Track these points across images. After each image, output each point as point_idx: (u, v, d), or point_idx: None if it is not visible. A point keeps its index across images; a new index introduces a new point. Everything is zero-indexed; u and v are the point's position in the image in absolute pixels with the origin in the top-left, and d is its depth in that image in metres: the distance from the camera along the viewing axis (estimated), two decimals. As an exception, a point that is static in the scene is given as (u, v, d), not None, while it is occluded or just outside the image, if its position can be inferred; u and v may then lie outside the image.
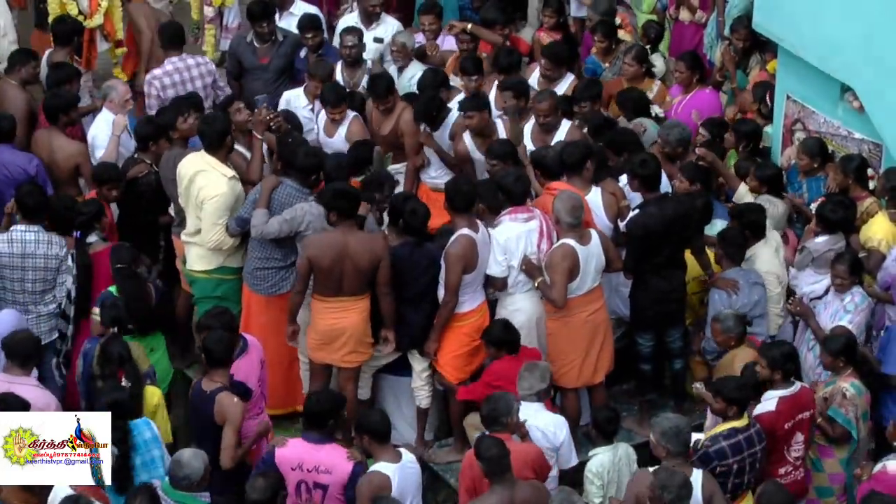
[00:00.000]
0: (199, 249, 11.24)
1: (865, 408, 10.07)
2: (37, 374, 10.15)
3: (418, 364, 10.96)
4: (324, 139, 12.42)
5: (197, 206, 11.07)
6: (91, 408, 9.87)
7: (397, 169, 12.47)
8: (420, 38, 14.11)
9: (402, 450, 9.51)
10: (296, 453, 9.38)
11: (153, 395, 10.09)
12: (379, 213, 11.12)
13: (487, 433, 9.30)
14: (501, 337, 10.48)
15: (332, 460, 9.31)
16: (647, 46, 13.87)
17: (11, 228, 10.93)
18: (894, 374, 10.35)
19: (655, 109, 12.97)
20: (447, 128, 12.31)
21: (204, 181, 11.02)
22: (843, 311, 10.57)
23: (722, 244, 11.03)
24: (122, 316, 10.32)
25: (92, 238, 11.17)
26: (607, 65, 13.62)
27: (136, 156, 11.95)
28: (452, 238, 10.60)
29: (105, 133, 12.29)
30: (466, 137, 12.10)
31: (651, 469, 9.09)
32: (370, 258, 10.44)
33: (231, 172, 11.11)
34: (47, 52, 13.57)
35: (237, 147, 11.72)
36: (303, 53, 13.57)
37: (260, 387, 10.06)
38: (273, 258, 10.92)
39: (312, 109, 12.81)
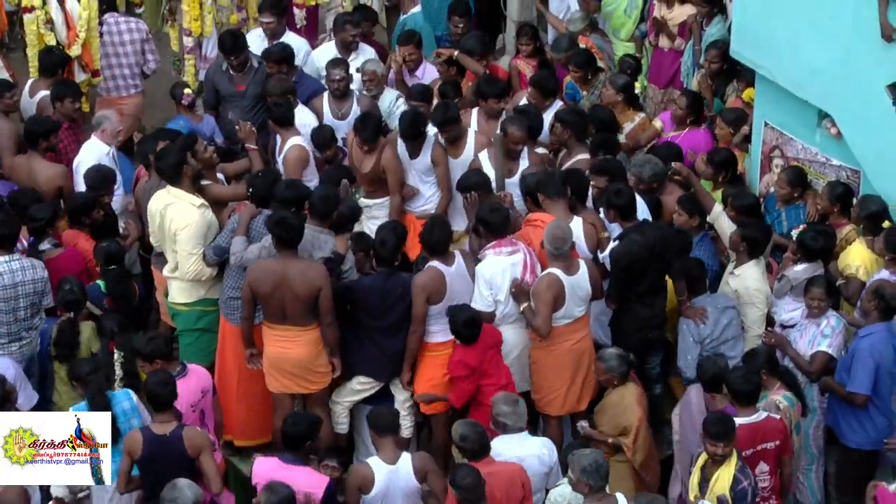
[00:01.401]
0: (181, 283, 11.23)
1: (797, 419, 10.13)
2: None
3: (400, 394, 10.95)
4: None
5: (171, 240, 11.05)
6: (44, 384, 10.52)
7: (379, 203, 12.43)
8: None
9: (405, 454, 9.65)
10: (268, 471, 9.47)
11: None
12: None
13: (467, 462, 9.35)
14: (461, 331, 10.45)
15: (302, 483, 9.35)
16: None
17: None
18: (858, 393, 10.30)
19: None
20: (427, 153, 12.29)
21: (173, 213, 11.02)
22: (820, 336, 10.60)
23: (685, 278, 11.02)
24: (78, 299, 10.60)
25: (45, 245, 11.22)
26: (585, 93, 13.61)
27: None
28: (423, 269, 10.67)
29: (90, 162, 12.23)
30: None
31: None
32: (308, 287, 10.42)
33: (199, 201, 11.10)
34: (29, 83, 13.56)
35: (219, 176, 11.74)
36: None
37: (197, 414, 10.06)
38: (245, 288, 10.90)
39: None
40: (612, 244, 11.01)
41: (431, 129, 12.36)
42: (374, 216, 12.28)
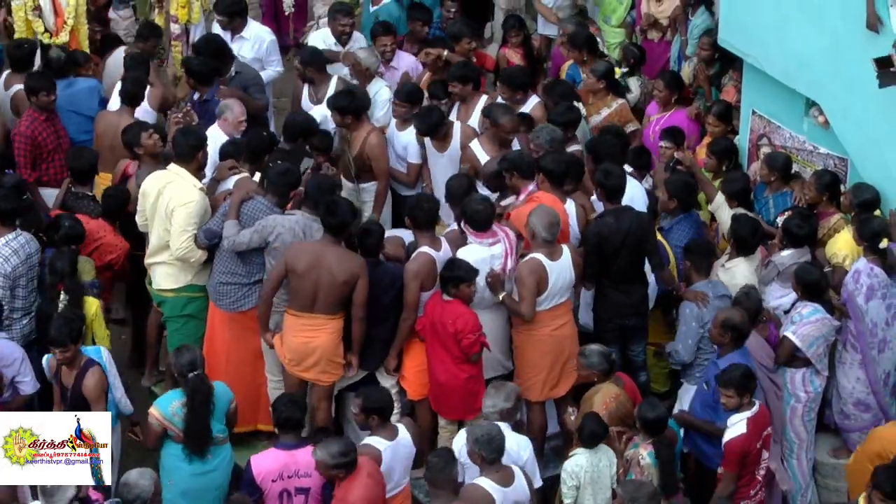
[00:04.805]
0: (167, 268, 11.22)
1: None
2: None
3: (386, 381, 10.93)
4: None
5: (166, 218, 11.04)
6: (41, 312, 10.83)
7: (365, 188, 12.44)
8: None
9: (400, 426, 9.77)
10: (275, 464, 9.55)
11: (91, 304, 10.73)
12: None
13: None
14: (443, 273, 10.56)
15: (311, 463, 9.44)
16: (626, 70, 13.91)
17: (5, 240, 10.86)
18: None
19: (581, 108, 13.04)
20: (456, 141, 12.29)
21: (174, 191, 11.03)
22: (789, 322, 10.64)
23: (688, 257, 11.09)
24: (79, 234, 10.99)
25: None
26: (585, 75, 13.62)
27: (72, 189, 11.91)
28: (413, 256, 10.68)
29: (209, 150, 11.97)
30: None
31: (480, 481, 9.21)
32: (346, 274, 10.41)
33: (200, 184, 11.14)
34: (3, 76, 13.39)
35: None
36: None
37: None
38: (237, 273, 10.89)
39: None
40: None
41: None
42: (361, 200, 12.34)
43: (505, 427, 9.73)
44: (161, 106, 13.09)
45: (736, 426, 9.83)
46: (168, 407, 9.88)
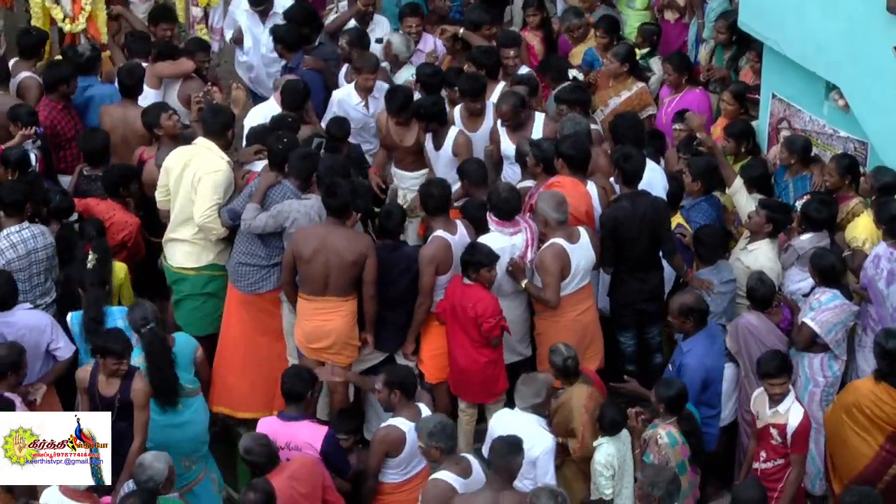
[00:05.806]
0: (188, 246, 11.23)
1: (680, 458, 9.75)
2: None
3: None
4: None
5: (192, 188, 11.03)
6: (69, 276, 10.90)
7: (422, 173, 12.29)
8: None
9: (422, 405, 9.76)
10: (269, 430, 9.53)
11: (120, 269, 10.94)
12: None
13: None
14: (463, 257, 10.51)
15: (303, 437, 9.48)
16: (647, 50, 13.89)
17: (6, 232, 10.82)
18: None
19: (573, 73, 13.04)
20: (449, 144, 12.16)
21: (201, 162, 11.06)
22: (808, 308, 10.60)
23: (696, 245, 11.08)
24: (69, 207, 11.22)
25: None
26: (605, 60, 13.56)
27: (84, 172, 11.91)
28: (428, 240, 10.66)
29: (258, 120, 12.05)
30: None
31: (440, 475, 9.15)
32: (353, 253, 10.40)
33: (227, 158, 11.16)
34: (11, 63, 13.24)
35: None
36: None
37: None
38: (256, 255, 10.89)
39: (367, 106, 12.73)
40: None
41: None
42: (414, 189, 12.09)
43: (533, 420, 9.68)
44: (159, 83, 12.97)
45: (793, 410, 9.85)
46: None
